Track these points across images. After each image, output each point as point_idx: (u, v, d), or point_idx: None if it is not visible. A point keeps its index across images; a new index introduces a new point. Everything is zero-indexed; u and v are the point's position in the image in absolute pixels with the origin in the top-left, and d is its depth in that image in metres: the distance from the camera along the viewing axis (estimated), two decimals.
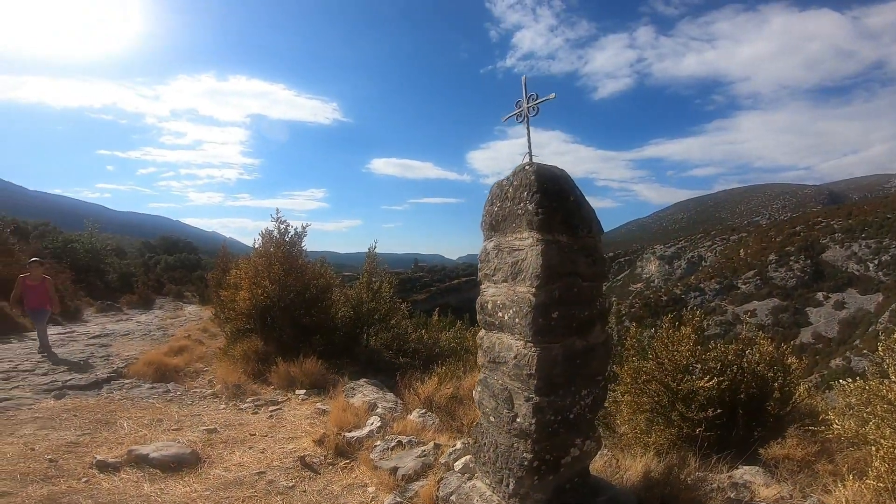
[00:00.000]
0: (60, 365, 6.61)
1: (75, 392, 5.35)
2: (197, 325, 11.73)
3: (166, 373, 6.38)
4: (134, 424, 4.39)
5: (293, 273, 6.73)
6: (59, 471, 3.28)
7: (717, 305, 60.60)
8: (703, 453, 3.30)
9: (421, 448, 3.59)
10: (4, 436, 3.89)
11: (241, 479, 3.34)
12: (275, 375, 5.83)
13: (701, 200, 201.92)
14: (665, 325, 4.04)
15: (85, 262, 19.39)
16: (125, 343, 8.98)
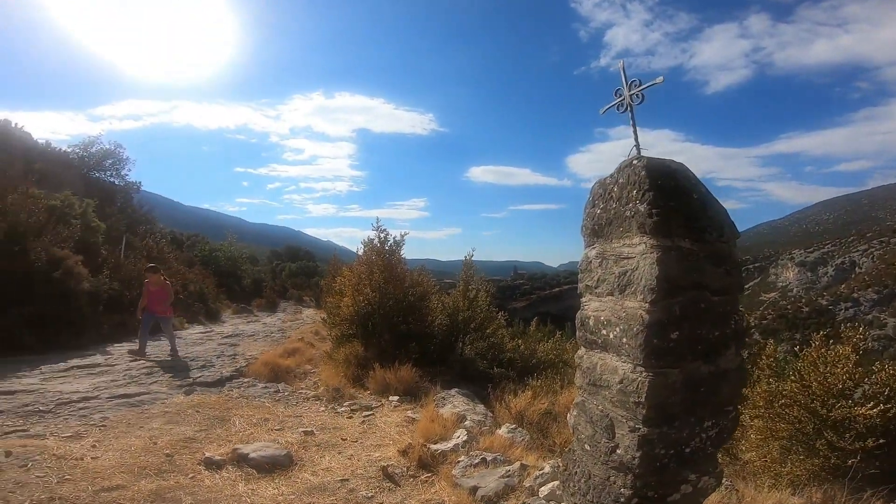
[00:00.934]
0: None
1: (202, 389, 5.82)
2: (310, 328, 12.56)
3: (279, 373, 6.75)
4: (244, 423, 4.64)
5: (393, 281, 6.85)
6: (172, 466, 3.50)
7: (875, 318, 51.21)
8: (855, 486, 2.75)
9: (506, 468, 3.33)
10: (135, 429, 4.26)
11: (325, 484, 3.35)
12: (371, 381, 5.92)
13: (852, 198, 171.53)
14: (816, 343, 3.40)
15: (226, 269, 22.14)
16: (250, 343, 9.82)
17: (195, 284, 14.68)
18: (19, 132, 23.39)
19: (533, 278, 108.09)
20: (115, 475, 3.24)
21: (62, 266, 7.63)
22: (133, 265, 11.00)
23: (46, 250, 7.47)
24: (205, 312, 14.25)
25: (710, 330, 2.02)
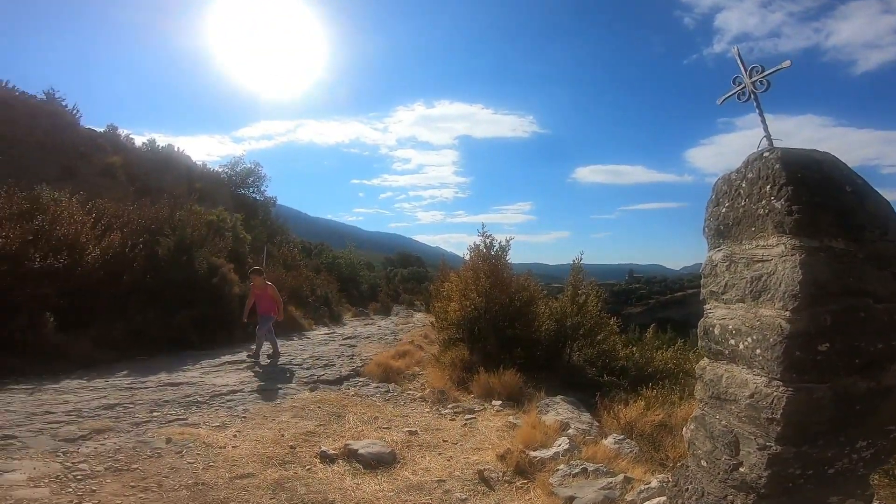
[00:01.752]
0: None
1: (324, 386, 6.27)
2: (420, 332, 12.96)
3: (390, 374, 7.03)
4: (357, 420, 4.91)
5: (498, 286, 6.86)
6: (294, 457, 3.74)
7: None
8: None
9: (607, 479, 3.12)
10: (269, 421, 4.70)
11: (422, 484, 3.42)
12: (475, 384, 5.95)
13: None
14: None
15: (346, 275, 24.03)
16: (366, 345, 10.44)
17: (321, 289, 16.06)
18: (181, 155, 27.79)
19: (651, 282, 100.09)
20: (248, 463, 3.54)
21: (219, 273, 8.95)
22: (273, 272, 12.49)
23: (207, 259, 8.82)
24: (329, 315, 15.45)
25: (872, 342, 1.72)
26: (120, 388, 5.44)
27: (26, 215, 6.82)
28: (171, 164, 25.77)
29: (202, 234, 9.42)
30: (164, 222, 8.89)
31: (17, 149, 15.50)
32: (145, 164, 24.16)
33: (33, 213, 6.94)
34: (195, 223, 9.49)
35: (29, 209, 7.03)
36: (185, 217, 9.42)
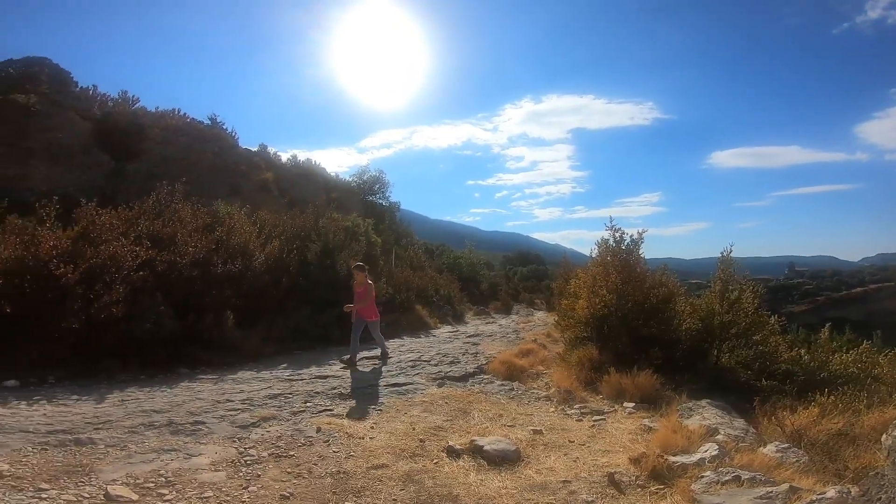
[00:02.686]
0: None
1: (451, 383, 6.43)
2: (542, 331, 12.72)
3: (514, 372, 6.99)
4: (482, 417, 4.93)
5: (631, 282, 6.41)
6: (423, 450, 3.88)
7: None
8: None
9: (766, 489, 2.69)
10: (401, 414, 4.93)
11: (546, 483, 3.32)
12: (605, 385, 5.68)
13: None
14: None
15: (467, 274, 24.61)
16: (489, 343, 10.53)
17: (444, 288, 16.64)
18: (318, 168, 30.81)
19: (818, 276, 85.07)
20: (383, 455, 3.71)
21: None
22: (401, 273, 13.33)
23: (346, 263, 9.69)
24: (452, 314, 15.93)
25: None
26: (281, 379, 6.14)
27: (208, 228, 8.23)
28: (310, 177, 28.85)
29: (341, 240, 10.39)
30: (310, 230, 10.02)
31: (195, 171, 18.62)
32: (291, 178, 27.38)
33: (213, 225, 8.35)
34: (335, 229, 10.50)
35: (210, 223, 8.48)
36: (327, 224, 10.50)
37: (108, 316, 5.83)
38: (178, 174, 13.63)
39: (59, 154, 18.24)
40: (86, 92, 21.65)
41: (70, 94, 20.52)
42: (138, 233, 7.07)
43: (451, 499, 3.07)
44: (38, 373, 5.41)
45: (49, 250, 5.76)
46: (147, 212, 7.95)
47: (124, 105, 22.52)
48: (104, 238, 6.40)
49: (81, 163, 18.90)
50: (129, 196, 12.53)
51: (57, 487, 2.91)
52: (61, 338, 5.56)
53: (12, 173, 16.12)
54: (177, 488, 3.03)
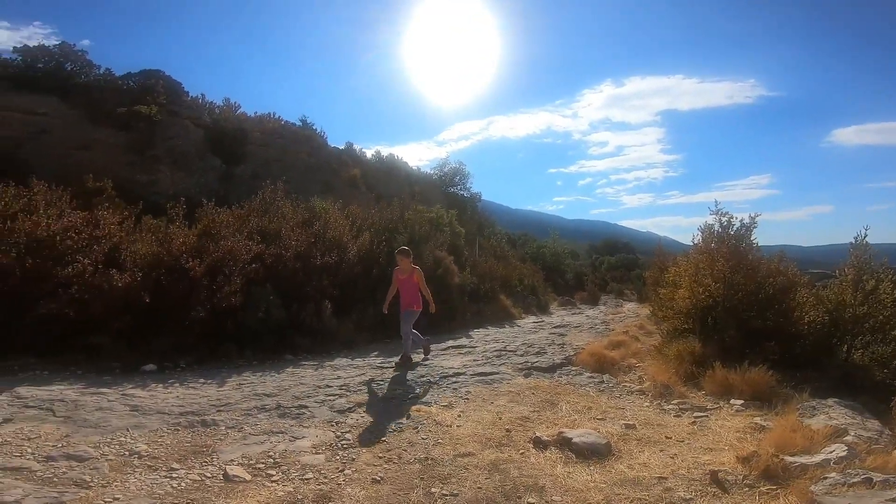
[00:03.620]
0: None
1: (538, 373, 6.32)
2: (634, 322, 12.13)
3: (603, 365, 6.71)
4: (570, 409, 4.80)
5: (742, 270, 5.83)
6: (509, 440, 3.83)
7: None
8: None
9: None
10: (487, 404, 4.90)
11: (639, 479, 3.14)
12: (709, 381, 5.25)
13: None
14: None
15: (551, 264, 24.10)
16: (576, 334, 10.20)
17: (528, 279, 16.44)
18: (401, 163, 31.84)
19: None
20: (470, 443, 3.71)
21: (442, 265, 9.99)
22: (485, 263, 13.40)
23: (433, 253, 9.93)
24: (536, 304, 15.70)
25: None
26: (374, 366, 6.41)
27: (307, 223, 8.86)
28: (394, 172, 29.92)
29: (426, 231, 10.65)
30: (397, 222, 10.39)
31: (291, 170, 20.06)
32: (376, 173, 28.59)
33: (311, 220, 8.96)
34: (420, 221, 10.79)
35: (308, 218, 9.11)
36: (413, 216, 10.82)
37: (227, 305, 6.49)
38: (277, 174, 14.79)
39: (179, 160, 20.64)
40: (196, 101, 24.26)
41: (183, 104, 23.11)
42: (249, 229, 7.80)
43: (537, 490, 3.03)
44: (171, 358, 6.12)
45: (180, 246, 6.54)
46: (255, 210, 8.73)
47: (229, 111, 24.94)
48: (222, 234, 7.14)
49: (198, 167, 21.23)
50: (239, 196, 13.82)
51: (185, 467, 3.22)
52: (190, 326, 6.28)
53: (144, 179, 18.55)
54: (282, 469, 3.26)
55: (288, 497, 2.87)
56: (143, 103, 20.44)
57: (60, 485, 2.84)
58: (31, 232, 5.76)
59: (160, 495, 2.80)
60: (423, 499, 2.90)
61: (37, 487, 2.77)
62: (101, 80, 21.28)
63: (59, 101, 19.30)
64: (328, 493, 2.93)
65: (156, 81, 22.10)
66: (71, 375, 5.30)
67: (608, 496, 2.95)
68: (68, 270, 5.66)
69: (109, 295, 5.74)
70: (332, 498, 2.88)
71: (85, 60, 20.97)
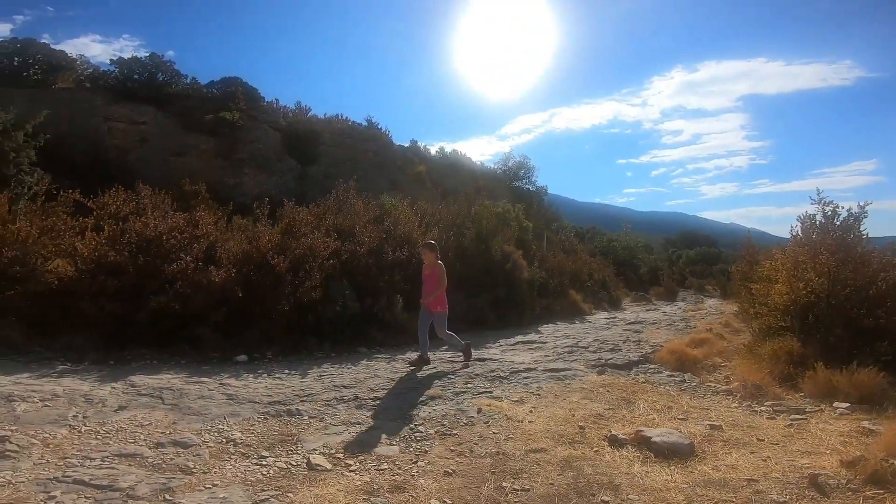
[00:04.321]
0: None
1: (612, 370, 6.14)
2: (718, 320, 11.40)
3: (685, 363, 6.41)
4: (647, 408, 4.61)
5: (849, 264, 5.27)
6: (582, 437, 3.77)
7: None
8: None
9: None
10: (560, 400, 4.83)
11: (725, 481, 2.97)
12: (808, 382, 4.85)
13: None
14: None
15: (622, 258, 23.11)
16: (653, 331, 9.76)
17: (598, 273, 15.93)
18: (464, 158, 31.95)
19: None
20: (542, 439, 3.68)
21: (510, 259, 9.94)
22: (553, 257, 13.16)
23: (500, 248, 9.91)
24: (607, 300, 15.23)
25: None
26: (443, 360, 6.52)
27: (378, 219, 9.18)
28: (458, 167, 30.11)
29: (494, 226, 10.64)
30: (464, 217, 10.46)
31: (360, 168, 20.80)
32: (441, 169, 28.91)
33: (382, 217, 9.27)
34: (487, 216, 10.79)
35: (379, 214, 9.44)
36: (480, 211, 10.84)
37: (308, 299, 6.87)
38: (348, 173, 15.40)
39: (260, 162, 22.15)
40: (271, 105, 25.87)
41: (261, 109, 24.74)
42: (326, 226, 8.21)
43: (612, 488, 2.94)
44: (259, 349, 6.57)
45: (266, 244, 7.03)
46: (330, 208, 9.17)
47: (301, 114, 26.36)
48: (302, 232, 7.57)
49: (277, 168, 22.65)
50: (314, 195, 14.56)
51: (273, 455, 3.42)
52: (276, 318, 6.71)
53: (231, 181, 20.13)
54: (359, 459, 3.39)
55: (365, 486, 2.98)
56: (226, 110, 22.11)
57: (168, 471, 3.09)
58: (141, 232, 6.45)
59: (252, 482, 3.00)
60: (494, 493, 2.90)
61: (148, 473, 3.02)
62: (188, 89, 23.29)
63: (155, 111, 21.41)
64: (402, 484, 3.01)
65: (235, 88, 23.79)
66: (176, 365, 5.82)
67: (689, 497, 2.82)
68: (173, 267, 6.26)
69: (208, 290, 6.27)
70: (406, 489, 2.96)
71: (173, 70, 23.01)
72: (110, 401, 4.32)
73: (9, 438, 3.31)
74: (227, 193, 16.38)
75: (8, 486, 2.73)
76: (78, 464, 3.08)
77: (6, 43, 20.32)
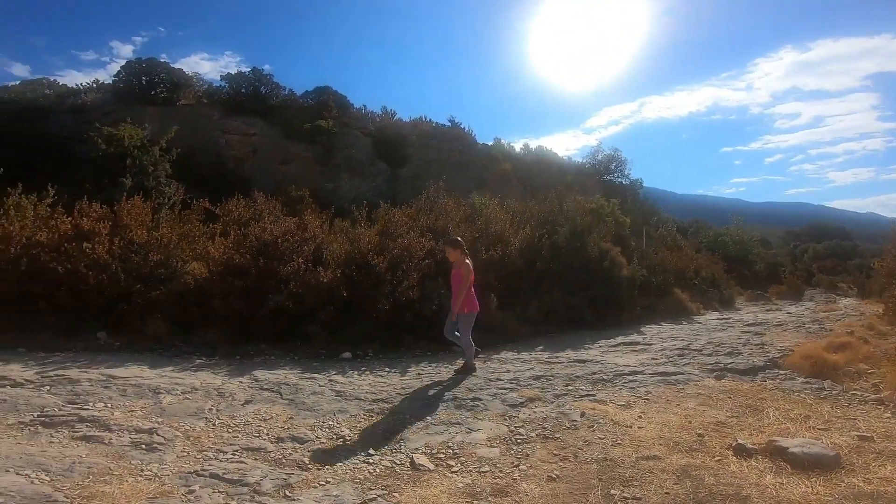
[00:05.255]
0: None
1: (732, 375, 5.67)
2: (859, 321, 9.91)
3: (823, 369, 5.76)
4: (779, 416, 4.21)
5: None
6: (701, 446, 3.54)
7: None
8: None
9: None
10: (673, 406, 4.53)
11: (879, 493, 2.67)
12: None
13: None
14: None
15: (733, 254, 20.99)
16: (778, 333, 8.78)
17: (706, 270, 14.72)
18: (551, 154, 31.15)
19: None
20: (654, 446, 3.52)
21: (608, 257, 9.50)
22: (655, 253, 12.35)
23: (597, 245, 9.51)
24: (718, 299, 14.01)
25: None
26: (541, 361, 6.36)
27: (469, 218, 9.25)
28: (544, 163, 29.43)
29: (588, 222, 10.23)
30: (556, 214, 10.17)
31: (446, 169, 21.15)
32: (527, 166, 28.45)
33: (473, 216, 9.32)
34: (581, 212, 10.39)
35: (470, 214, 9.51)
36: (572, 207, 10.47)
37: (406, 298, 7.11)
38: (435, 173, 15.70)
39: (354, 167, 23.46)
40: (360, 112, 27.28)
41: (351, 115, 26.20)
42: (419, 227, 8.45)
43: (739, 499, 2.74)
44: (362, 346, 6.89)
45: (366, 245, 7.41)
46: (422, 208, 9.42)
47: (387, 118, 27.49)
48: (398, 233, 7.87)
49: (369, 172, 23.84)
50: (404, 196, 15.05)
51: (378, 453, 3.55)
52: (376, 317, 7.04)
53: (330, 186, 21.56)
54: (460, 460, 3.41)
55: (467, 489, 2.99)
56: (320, 118, 23.73)
57: (287, 466, 3.32)
58: (260, 236, 7.11)
59: (360, 480, 3.13)
60: (601, 500, 2.81)
61: (271, 468, 3.25)
62: (287, 100, 25.36)
63: (262, 122, 23.61)
64: (504, 488, 2.98)
65: (327, 97, 25.40)
66: (290, 361, 6.28)
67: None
68: (287, 269, 6.83)
69: (317, 289, 6.75)
70: (509, 493, 2.92)
71: (273, 83, 25.17)
72: (238, 395, 4.78)
73: (157, 430, 3.77)
74: (326, 197, 17.57)
75: (155, 479, 3.06)
76: (213, 457, 3.41)
77: (133, 63, 23.49)
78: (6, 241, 6.56)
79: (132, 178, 13.03)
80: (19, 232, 6.69)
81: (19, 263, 6.47)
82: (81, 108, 22.39)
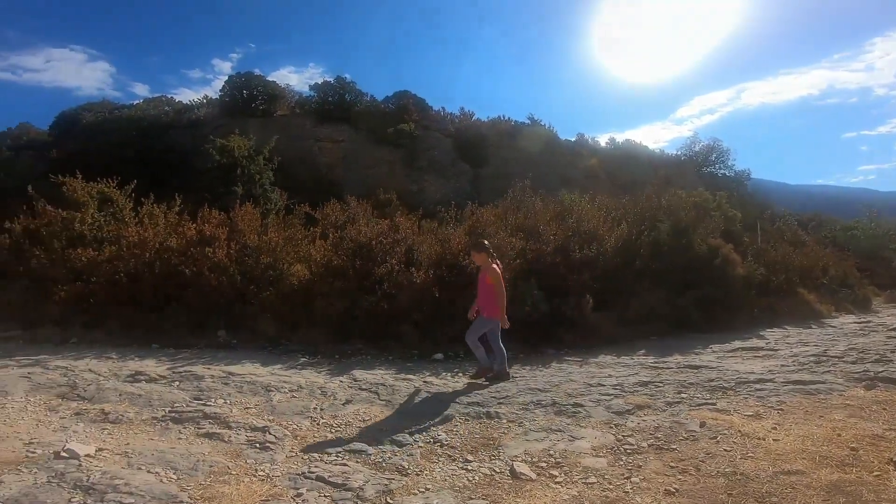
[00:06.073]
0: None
1: (885, 385, 5.02)
2: None
3: None
4: None
5: None
6: (855, 460, 3.22)
7: None
8: None
9: None
10: (815, 417, 4.07)
11: None
12: None
13: None
14: None
15: (866, 250, 18.33)
16: None
17: (836, 268, 12.97)
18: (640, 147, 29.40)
19: None
20: (796, 460, 3.20)
21: (719, 254, 8.66)
22: (774, 250, 11.13)
23: (705, 241, 8.71)
24: (852, 300, 12.27)
25: None
26: (646, 366, 5.92)
27: (559, 217, 8.90)
28: (633, 157, 27.82)
29: (692, 217, 9.42)
30: (655, 210, 9.47)
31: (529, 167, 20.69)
32: (615, 161, 27.07)
33: (564, 214, 8.96)
34: (684, 207, 9.60)
35: (561, 211, 9.15)
36: (674, 202, 9.69)
37: None
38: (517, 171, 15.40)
39: (437, 168, 23.86)
40: (439, 114, 27.63)
41: (431, 118, 26.64)
42: (509, 226, 8.28)
43: None
44: (453, 347, 6.80)
45: (457, 245, 7.40)
46: (509, 207, 9.24)
47: (466, 119, 27.59)
48: (487, 232, 7.78)
49: (452, 173, 24.09)
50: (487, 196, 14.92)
51: (477, 460, 3.43)
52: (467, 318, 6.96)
53: (415, 188, 22.10)
54: (564, 470, 3.21)
55: (573, 501, 2.82)
56: (402, 122, 24.42)
57: (387, 470, 3.29)
58: (356, 238, 7.40)
59: (459, 488, 3.04)
60: None
61: (372, 473, 3.24)
62: (369, 106, 26.39)
63: (349, 129, 24.80)
64: (615, 501, 2.79)
65: (407, 101, 26.08)
66: (385, 361, 6.40)
67: None
68: (381, 269, 7.03)
69: (410, 290, 6.86)
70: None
71: (356, 90, 26.33)
72: (339, 394, 4.92)
73: (269, 429, 3.94)
74: (412, 199, 18.01)
75: (267, 480, 3.15)
76: (318, 458, 3.48)
77: (234, 77, 25.74)
78: (142, 247, 7.46)
79: (242, 186, 14.27)
80: (153, 238, 7.56)
81: (153, 266, 7.31)
82: (196, 123, 25.15)
